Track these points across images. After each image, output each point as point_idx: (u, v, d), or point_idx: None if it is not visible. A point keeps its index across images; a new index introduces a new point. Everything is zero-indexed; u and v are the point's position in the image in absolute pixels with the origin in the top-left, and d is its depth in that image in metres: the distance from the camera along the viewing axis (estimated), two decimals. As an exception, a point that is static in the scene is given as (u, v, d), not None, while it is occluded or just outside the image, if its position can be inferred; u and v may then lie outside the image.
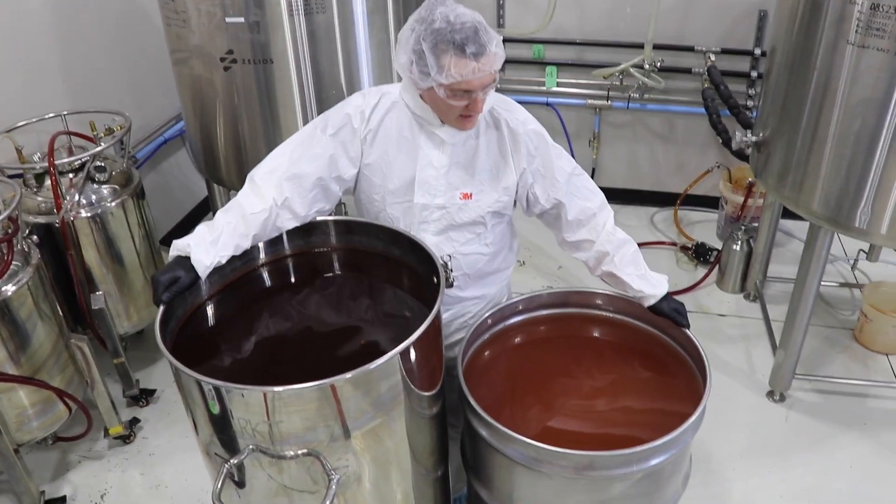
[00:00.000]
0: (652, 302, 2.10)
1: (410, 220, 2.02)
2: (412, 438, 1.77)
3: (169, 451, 3.08)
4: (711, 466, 2.96)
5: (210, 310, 1.87)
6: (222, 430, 1.61)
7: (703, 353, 2.01)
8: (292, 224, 1.96)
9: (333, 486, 1.61)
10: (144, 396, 3.30)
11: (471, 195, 2.01)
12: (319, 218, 2.01)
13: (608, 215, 2.13)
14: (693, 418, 1.82)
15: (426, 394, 1.77)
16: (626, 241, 2.11)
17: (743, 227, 3.94)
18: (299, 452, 1.60)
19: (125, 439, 3.11)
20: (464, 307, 2.21)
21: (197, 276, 1.79)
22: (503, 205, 2.07)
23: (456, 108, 1.86)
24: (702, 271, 4.14)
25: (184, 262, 1.79)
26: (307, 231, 2.01)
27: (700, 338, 2.08)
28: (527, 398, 2.02)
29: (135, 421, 3.18)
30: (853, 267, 4.15)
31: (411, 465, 1.82)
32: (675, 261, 4.28)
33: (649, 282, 2.09)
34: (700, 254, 4.22)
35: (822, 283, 3.67)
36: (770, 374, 3.29)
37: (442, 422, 1.95)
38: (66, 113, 3.11)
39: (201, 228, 1.85)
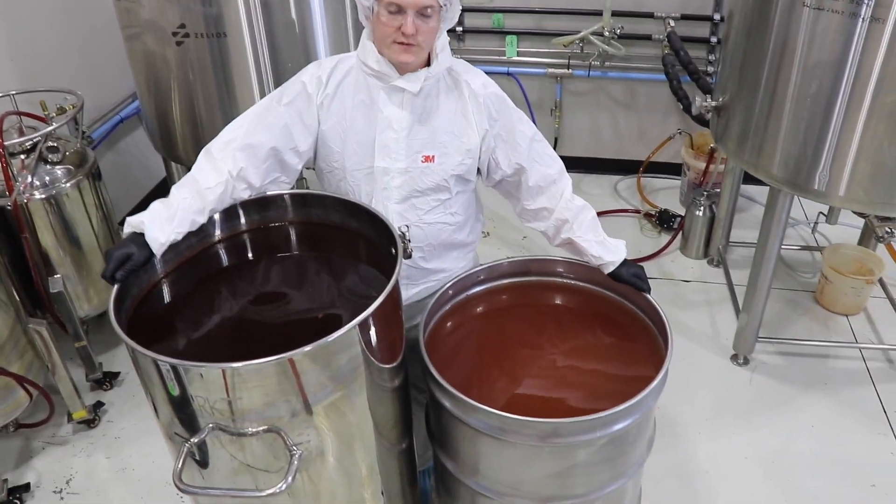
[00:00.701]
0: (611, 268, 2.10)
1: (372, 187, 2.00)
2: (374, 411, 1.76)
3: (135, 434, 3.05)
4: (676, 430, 2.99)
5: (166, 288, 1.84)
6: (182, 409, 1.59)
7: (664, 317, 2.01)
8: (248, 194, 1.94)
9: (295, 462, 1.60)
10: (108, 379, 3.26)
11: (433, 158, 2.00)
12: (275, 191, 1.98)
13: (567, 183, 2.13)
14: (655, 383, 1.82)
15: (387, 366, 1.75)
16: (584, 208, 2.12)
17: (705, 194, 3.96)
18: (260, 429, 1.58)
19: (89, 423, 3.08)
20: (431, 283, 2.20)
21: (151, 254, 1.76)
22: (467, 168, 2.05)
23: (390, 30, 1.85)
24: (665, 238, 4.17)
25: (138, 238, 1.76)
26: (263, 206, 1.98)
27: (664, 304, 2.09)
28: (490, 368, 2.02)
29: (99, 405, 3.14)
30: (813, 230, 4.21)
31: (375, 438, 1.81)
32: (639, 228, 4.29)
33: (608, 248, 2.10)
34: (663, 220, 4.24)
35: (784, 246, 3.72)
36: (734, 338, 3.33)
37: (405, 394, 1.94)
38: (14, 93, 3.04)
39: (156, 205, 1.82)
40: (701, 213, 3.94)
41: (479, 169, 2.11)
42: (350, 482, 1.82)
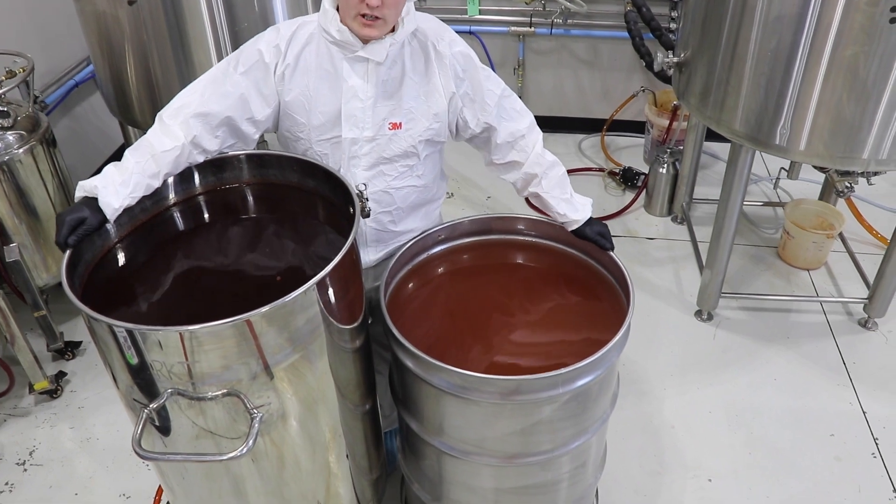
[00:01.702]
0: (575, 226, 2.11)
1: (339, 156, 1.98)
2: (336, 373, 1.75)
3: (98, 403, 3.02)
4: (642, 387, 3.01)
5: (121, 253, 1.81)
6: (140, 375, 1.57)
7: (626, 274, 2.02)
8: (203, 159, 1.91)
9: (256, 425, 1.58)
10: (70, 349, 3.21)
11: (400, 125, 1.97)
12: (231, 153, 1.95)
13: (537, 137, 2.12)
14: (616, 338, 1.83)
15: (347, 327, 1.74)
16: (554, 164, 2.11)
17: (669, 151, 3.97)
18: (219, 393, 1.57)
19: (52, 394, 3.04)
20: (401, 243, 2.18)
21: (104, 219, 1.73)
22: (435, 132, 2.03)
23: (353, 2, 1.80)
24: (630, 196, 4.17)
25: (91, 203, 1.72)
26: (219, 167, 1.95)
27: (629, 261, 2.10)
28: (453, 328, 2.02)
29: (61, 375, 3.10)
30: (775, 185, 4.24)
31: (337, 400, 1.81)
32: (604, 186, 4.30)
33: (573, 205, 2.09)
34: (627, 178, 4.24)
35: (746, 202, 3.74)
36: (698, 294, 3.35)
37: (367, 355, 1.93)
38: (-39, 56, 2.95)
39: (110, 169, 1.78)
40: (664, 171, 3.95)
41: (449, 130, 2.10)
42: (313, 445, 1.81)
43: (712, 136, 3.22)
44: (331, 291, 1.61)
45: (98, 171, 1.78)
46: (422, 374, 1.83)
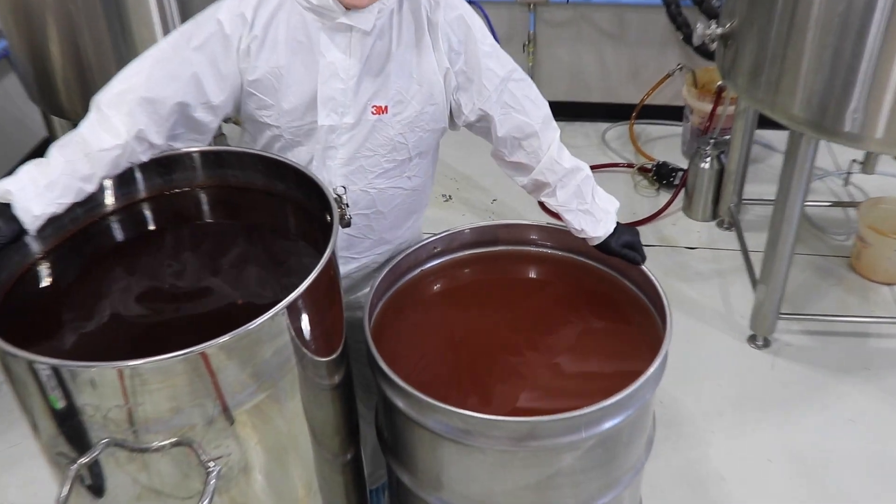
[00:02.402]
0: (596, 242, 2.13)
1: (313, 146, 1.99)
2: (310, 415, 1.76)
3: (13, 459, 3.01)
4: (684, 429, 3.02)
5: (44, 272, 1.80)
6: (67, 422, 1.56)
7: (661, 291, 2.04)
8: (149, 156, 1.89)
9: (213, 482, 1.58)
10: (-20, 391, 3.21)
11: (385, 108, 1.98)
12: (182, 149, 1.95)
13: (552, 136, 2.10)
14: (651, 370, 1.84)
15: (324, 359, 1.75)
16: (572, 172, 2.11)
17: (712, 142, 3.99)
18: (167, 442, 1.56)
19: (-45, 447, 3.03)
20: (375, 257, 2.21)
21: (22, 230, 1.72)
22: (429, 117, 2.03)
23: None
24: (665, 196, 4.19)
25: (4, 210, 1.71)
26: (167, 167, 1.95)
27: (665, 276, 2.12)
28: (452, 359, 2.03)
29: (-34, 424, 3.10)
30: (845, 181, 4.25)
31: (312, 448, 1.81)
32: (633, 185, 4.32)
33: (594, 218, 2.11)
34: (662, 175, 4.27)
35: (809, 202, 3.75)
36: (751, 315, 3.36)
37: (347, 393, 1.94)
38: None
39: (29, 169, 1.75)
40: (707, 166, 3.97)
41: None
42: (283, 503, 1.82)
43: (766, 122, 3.22)
44: (304, 316, 1.62)
45: (13, 170, 1.77)
46: (415, 415, 1.84)
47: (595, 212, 2.11)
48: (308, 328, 1.65)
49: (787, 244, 3.11)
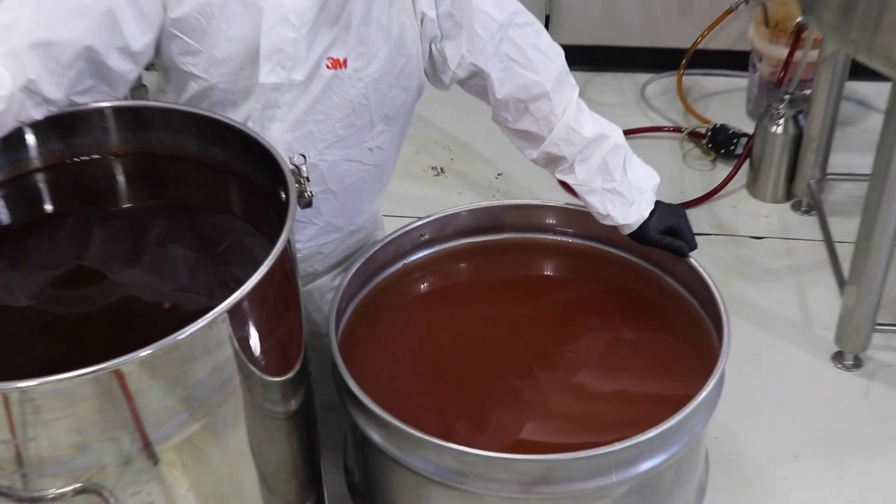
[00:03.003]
0: (628, 230, 2.13)
1: (250, 106, 1.99)
2: (259, 452, 1.74)
3: None
4: (747, 474, 2.99)
5: None
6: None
7: (716, 293, 2.02)
8: (42, 114, 1.86)
9: (129, 540, 1.57)
10: None
11: (344, 62, 1.97)
12: (91, 104, 1.92)
13: (569, 97, 2.11)
14: (702, 396, 1.82)
15: (277, 379, 1.74)
16: (595, 141, 2.10)
17: (787, 98, 3.96)
18: (69, 489, 1.53)
19: None
20: (319, 248, 2.21)
21: None
22: (397, 74, 2.04)
23: None
24: (724, 170, 4.17)
25: None
26: (70, 127, 1.92)
27: (723, 274, 2.12)
28: (444, 381, 2.03)
29: None
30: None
31: (262, 495, 1.80)
32: (681, 155, 4.30)
33: (623, 198, 2.11)
34: (720, 143, 4.24)
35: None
36: (837, 326, 3.33)
37: (307, 424, 1.94)
38: None
39: None
40: (780, 130, 3.94)
41: (425, 71, 2.11)
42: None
43: (859, 71, 3.20)
44: (251, 323, 1.60)
45: None
46: (395, 452, 1.83)
47: (625, 191, 2.10)
48: (257, 338, 1.63)
49: (887, 233, 3.07)
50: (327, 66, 1.96)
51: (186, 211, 1.95)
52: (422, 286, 2.22)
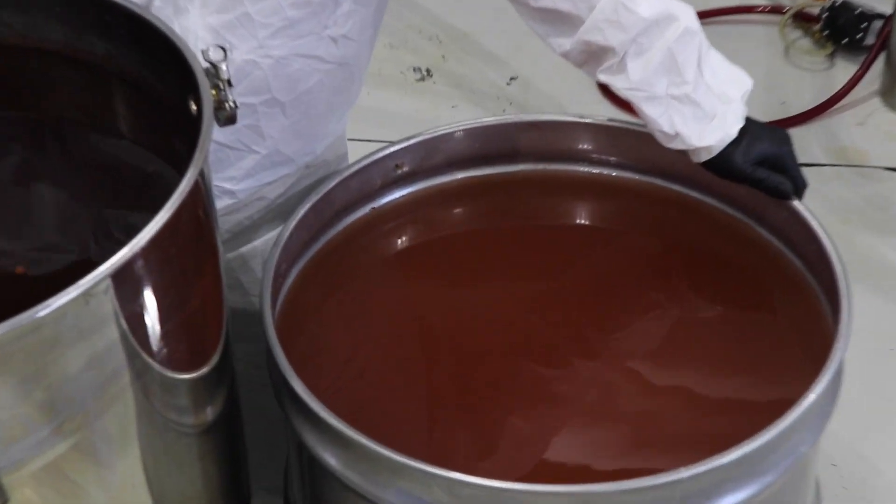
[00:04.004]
0: (706, 156, 2.11)
1: None
2: (157, 482, 1.75)
3: None
4: (875, 496, 3.01)
5: None
6: None
7: (830, 251, 2.02)
8: None
9: None
10: None
11: None
12: None
13: None
14: (809, 401, 1.81)
15: (185, 376, 1.74)
16: (656, 24, 2.09)
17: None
18: None
19: None
20: (261, 190, 2.22)
21: None
22: None
23: None
24: (845, 69, 4.18)
25: None
26: None
27: (844, 222, 2.10)
28: (429, 376, 2.05)
29: None
30: None
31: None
32: (783, 48, 4.31)
33: (700, 108, 2.10)
34: (841, 29, 4.25)
35: None
36: None
37: (229, 442, 1.95)
38: None
39: None
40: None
41: None
42: None
43: None
44: (147, 295, 1.61)
45: None
46: (360, 483, 1.83)
47: (702, 99, 2.10)
48: (156, 317, 1.64)
49: None
50: None
51: (52, 130, 1.96)
52: (399, 241, 2.23)
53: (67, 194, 1.87)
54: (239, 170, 2.17)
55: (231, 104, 1.81)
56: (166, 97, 1.84)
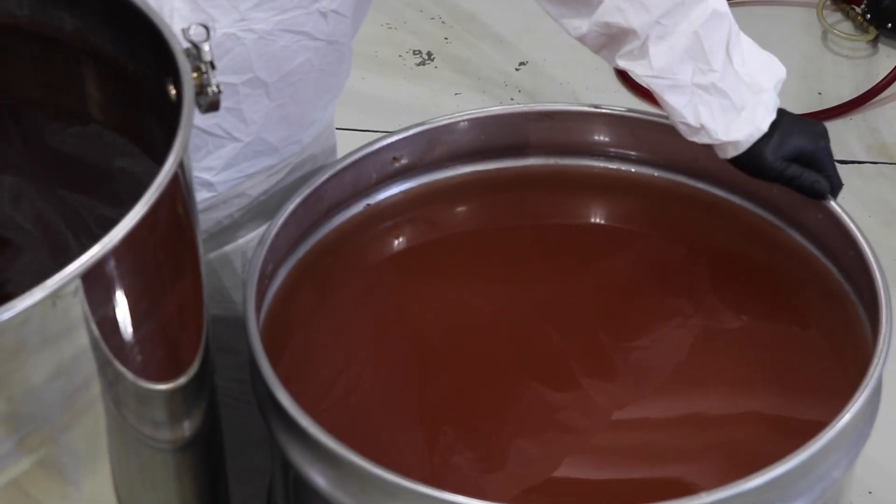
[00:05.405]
0: (733, 152, 2.11)
1: None
2: (128, 501, 1.75)
3: None
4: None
5: None
6: None
7: (870, 257, 2.01)
8: None
9: None
10: None
11: None
12: None
13: None
14: (843, 422, 1.80)
15: (161, 386, 1.74)
16: (681, 6, 2.10)
17: None
18: None
19: None
20: (242, 184, 2.22)
21: None
22: None
23: None
24: (888, 57, 4.18)
25: None
26: None
27: (887, 226, 2.10)
28: (428, 391, 2.05)
29: None
30: None
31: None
32: (820, 33, 4.31)
33: (728, 99, 2.10)
34: (882, 13, 4.25)
35: None
36: None
37: (209, 459, 1.95)
38: None
39: None
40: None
41: None
42: None
43: None
44: (120, 297, 1.61)
45: None
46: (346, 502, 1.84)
47: (731, 89, 2.10)
48: (128, 322, 1.64)
49: None
50: None
51: (15, 114, 1.96)
52: (396, 241, 2.23)
53: (30, 186, 1.86)
54: (218, 159, 2.16)
55: (214, 89, 1.81)
56: (141, 78, 1.84)
